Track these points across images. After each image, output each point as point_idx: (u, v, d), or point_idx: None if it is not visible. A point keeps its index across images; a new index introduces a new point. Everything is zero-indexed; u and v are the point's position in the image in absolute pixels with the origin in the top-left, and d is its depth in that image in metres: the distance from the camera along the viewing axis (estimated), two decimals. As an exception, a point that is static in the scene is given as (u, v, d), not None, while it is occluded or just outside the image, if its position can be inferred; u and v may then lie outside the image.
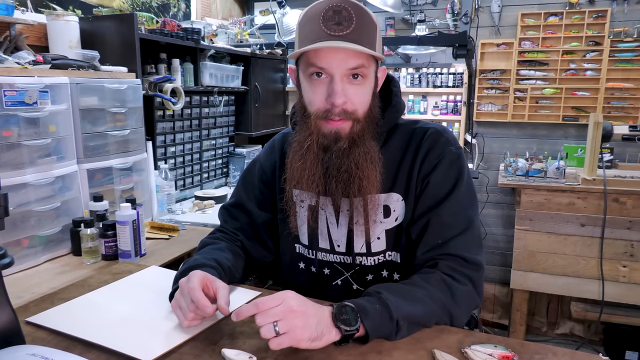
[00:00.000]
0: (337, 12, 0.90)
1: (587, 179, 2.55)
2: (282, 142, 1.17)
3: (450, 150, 1.02)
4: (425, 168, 1.01)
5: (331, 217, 1.07)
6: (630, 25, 2.97)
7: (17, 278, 1.51)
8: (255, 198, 1.17)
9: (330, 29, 0.89)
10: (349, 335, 0.80)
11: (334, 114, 0.93)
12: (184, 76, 2.48)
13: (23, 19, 1.84)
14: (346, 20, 0.89)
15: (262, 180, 1.17)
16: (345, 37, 0.89)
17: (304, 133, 0.99)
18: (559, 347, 0.82)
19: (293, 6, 2.98)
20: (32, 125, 1.59)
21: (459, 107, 3.37)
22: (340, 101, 0.92)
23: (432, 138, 1.03)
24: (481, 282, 0.97)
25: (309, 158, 0.98)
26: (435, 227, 0.99)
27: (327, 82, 0.93)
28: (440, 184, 1.00)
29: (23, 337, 0.76)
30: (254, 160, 1.23)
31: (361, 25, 0.90)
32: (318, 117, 0.95)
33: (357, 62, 0.91)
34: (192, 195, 2.69)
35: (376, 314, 0.82)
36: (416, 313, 0.86)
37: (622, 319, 2.72)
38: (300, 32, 0.96)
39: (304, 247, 1.13)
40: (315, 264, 1.12)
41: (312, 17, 0.92)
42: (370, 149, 0.98)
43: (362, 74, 0.93)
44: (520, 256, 2.74)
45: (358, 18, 0.90)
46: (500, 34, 3.24)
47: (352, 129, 0.96)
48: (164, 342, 0.81)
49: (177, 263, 1.75)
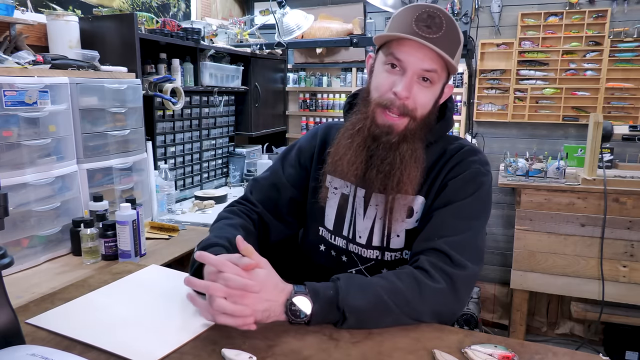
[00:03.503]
0: (432, 17, 0.95)
1: (587, 179, 2.54)
2: (325, 132, 1.20)
3: (477, 168, 1.04)
4: (451, 175, 1.04)
5: (360, 208, 1.10)
6: (630, 25, 2.97)
7: (17, 278, 1.51)
8: (289, 174, 1.20)
9: (420, 29, 0.94)
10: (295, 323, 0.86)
11: (393, 106, 0.98)
12: (184, 76, 2.48)
13: (23, 19, 1.84)
14: (436, 26, 0.94)
15: (299, 160, 1.20)
16: (431, 40, 0.94)
17: (359, 116, 1.03)
18: (559, 347, 0.82)
19: (293, 6, 2.98)
20: (32, 125, 1.59)
21: (459, 107, 3.37)
22: (404, 94, 0.96)
23: (465, 154, 1.06)
24: (463, 286, 0.93)
25: (356, 140, 1.02)
26: (434, 224, 1.00)
27: (399, 74, 0.97)
28: (457, 190, 1.02)
29: (23, 337, 0.76)
30: (293, 143, 1.26)
31: (448, 35, 0.96)
32: (378, 104, 0.99)
33: (432, 66, 0.96)
34: (192, 195, 2.69)
35: (324, 302, 0.86)
36: (366, 306, 0.86)
37: (622, 319, 2.72)
38: (392, 22, 1.00)
39: (327, 231, 1.16)
40: (334, 248, 1.16)
41: (407, 13, 0.97)
42: (418, 149, 1.01)
43: (432, 78, 0.98)
44: (520, 256, 2.74)
45: (448, 28, 0.95)
46: (500, 34, 3.24)
47: (407, 126, 1.00)
48: (164, 344, 0.80)
49: (177, 263, 1.75)
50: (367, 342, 0.83)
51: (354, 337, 0.84)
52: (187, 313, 0.91)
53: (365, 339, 0.84)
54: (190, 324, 0.87)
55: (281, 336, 0.83)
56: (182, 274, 1.11)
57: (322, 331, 0.85)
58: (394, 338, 0.84)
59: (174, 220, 2.20)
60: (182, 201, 2.59)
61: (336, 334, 0.85)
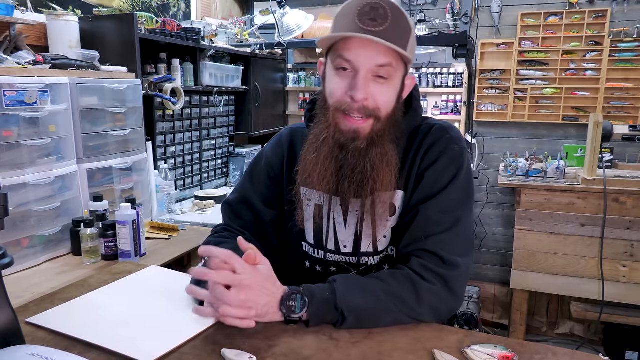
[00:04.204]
0: (374, 8, 0.88)
1: (587, 179, 2.55)
2: (289, 136, 1.14)
3: (452, 148, 0.99)
4: (425, 162, 0.99)
5: (339, 217, 1.04)
6: (630, 25, 2.97)
7: (17, 278, 1.51)
8: (262, 194, 1.13)
9: (364, 24, 0.88)
10: (291, 320, 0.86)
11: (353, 109, 0.91)
12: (184, 76, 2.48)
13: (23, 19, 1.84)
14: (381, 17, 0.88)
15: (269, 176, 1.13)
16: (377, 34, 0.87)
17: (321, 126, 0.96)
18: (559, 347, 0.82)
19: (293, 6, 2.98)
20: (32, 125, 1.59)
21: (459, 107, 3.37)
22: (361, 96, 0.90)
23: (436, 134, 1.00)
24: (457, 284, 0.93)
25: (322, 152, 0.95)
26: (420, 222, 0.96)
27: (352, 76, 0.91)
28: (436, 179, 0.97)
29: (23, 337, 0.76)
30: (259, 154, 1.19)
31: (396, 25, 0.89)
32: (337, 109, 0.93)
33: (385, 60, 0.90)
34: (192, 195, 2.69)
35: (322, 303, 0.86)
36: (365, 306, 0.86)
37: (622, 319, 2.72)
38: (335, 24, 0.94)
39: (309, 245, 1.10)
40: (320, 263, 1.10)
41: (348, 10, 0.91)
42: (389, 151, 0.95)
43: (388, 74, 0.91)
44: (520, 256, 2.74)
45: (394, 17, 0.89)
46: (500, 34, 3.24)
47: (372, 128, 0.93)
48: (164, 343, 0.80)
49: (177, 263, 1.75)
50: (367, 342, 0.83)
51: (354, 337, 0.84)
52: (187, 313, 0.91)
53: (365, 339, 0.84)
54: (190, 324, 0.87)
55: (281, 336, 0.83)
56: (182, 274, 1.11)
57: (322, 331, 0.85)
58: (394, 338, 0.84)
59: (174, 220, 2.20)
60: (182, 201, 2.59)
61: (336, 334, 0.85)
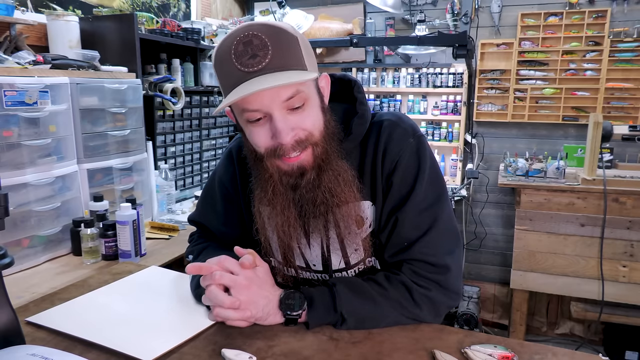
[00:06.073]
0: (247, 43, 0.78)
1: (587, 179, 2.55)
2: (238, 150, 1.05)
3: (409, 143, 0.93)
4: (387, 167, 0.93)
5: (302, 239, 0.97)
6: (630, 25, 2.97)
7: (17, 278, 1.51)
8: (220, 215, 1.09)
9: (247, 65, 0.78)
10: (291, 319, 0.86)
11: (286, 151, 0.84)
12: (184, 76, 2.48)
13: (23, 19, 1.84)
14: (260, 49, 0.78)
15: (223, 194, 1.07)
16: (265, 69, 0.78)
17: (263, 176, 0.89)
18: (559, 347, 0.82)
19: (293, 6, 2.98)
20: (32, 125, 1.59)
21: (459, 107, 3.37)
22: (288, 138, 0.82)
23: (388, 131, 0.94)
24: (452, 283, 0.91)
25: (278, 202, 0.89)
26: (399, 229, 0.92)
27: (267, 121, 0.83)
28: (402, 182, 0.92)
29: (23, 337, 0.76)
30: (212, 175, 1.12)
31: (279, 48, 0.79)
32: (270, 156, 0.86)
33: (291, 91, 0.81)
34: (192, 195, 2.69)
35: (321, 304, 0.86)
36: (365, 309, 0.87)
37: (622, 319, 2.72)
38: (219, 77, 0.84)
39: (278, 262, 1.03)
40: (292, 280, 1.04)
41: (223, 56, 0.81)
42: (341, 170, 0.89)
43: (301, 99, 0.82)
44: (520, 256, 2.74)
45: (272, 41, 0.79)
46: (500, 34, 3.24)
47: (313, 154, 0.86)
48: (164, 342, 0.81)
49: (177, 263, 1.75)
50: (367, 342, 0.83)
51: (354, 337, 0.84)
52: (187, 313, 0.91)
53: (365, 339, 0.84)
54: (190, 324, 0.87)
55: (281, 336, 0.84)
56: (182, 275, 1.11)
57: (322, 331, 0.86)
58: (394, 338, 0.84)
59: (174, 220, 2.20)
60: (182, 201, 2.59)
61: (336, 334, 0.85)
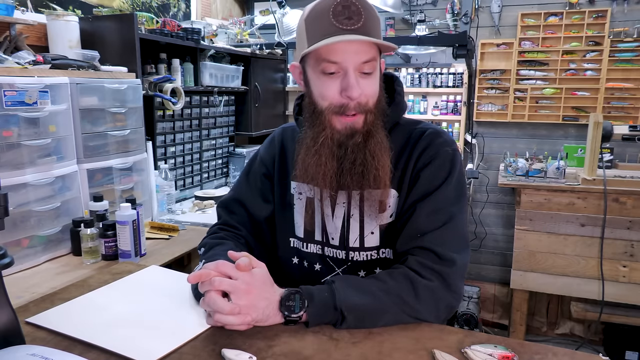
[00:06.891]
0: (346, 6, 0.90)
1: (587, 179, 2.55)
2: (281, 136, 1.18)
3: (445, 151, 1.02)
4: (420, 164, 1.02)
5: (327, 208, 1.06)
6: (630, 25, 2.97)
7: (17, 278, 1.51)
8: (259, 191, 1.17)
9: (342, 23, 0.90)
10: (291, 320, 0.86)
11: (349, 109, 0.94)
12: (184, 76, 2.48)
13: (23, 19, 1.84)
14: (356, 14, 0.90)
15: (263, 173, 1.17)
16: (357, 31, 0.90)
17: (316, 129, 0.98)
18: (559, 347, 0.82)
19: (293, 6, 2.98)
20: (32, 125, 1.59)
21: (459, 107, 3.37)
22: (357, 94, 0.93)
23: (429, 138, 1.03)
24: (455, 280, 0.95)
25: (323, 153, 0.98)
26: (415, 220, 0.98)
27: (341, 76, 0.93)
28: (430, 180, 1.00)
29: (23, 337, 0.76)
30: (254, 154, 1.23)
31: (370, 18, 0.92)
32: (332, 112, 0.95)
33: (370, 55, 0.93)
34: (192, 195, 2.69)
35: (320, 303, 0.87)
36: (364, 304, 0.87)
37: (622, 319, 2.72)
38: (309, 28, 0.94)
39: (298, 240, 1.12)
40: (308, 258, 1.11)
41: (320, 13, 0.92)
42: (383, 139, 0.98)
43: (372, 67, 0.94)
44: (520, 256, 2.74)
45: (366, 11, 0.91)
46: (500, 34, 3.24)
47: (365, 121, 0.96)
48: (164, 344, 0.80)
49: (177, 263, 1.75)
50: (367, 342, 0.83)
51: (354, 337, 0.84)
52: (187, 313, 0.91)
53: (365, 339, 0.84)
54: (190, 324, 0.87)
55: (281, 336, 0.84)
56: (182, 275, 1.11)
57: (322, 331, 0.86)
58: (394, 338, 0.84)
59: (174, 220, 2.20)
60: (182, 201, 2.59)
61: (336, 334, 0.85)
